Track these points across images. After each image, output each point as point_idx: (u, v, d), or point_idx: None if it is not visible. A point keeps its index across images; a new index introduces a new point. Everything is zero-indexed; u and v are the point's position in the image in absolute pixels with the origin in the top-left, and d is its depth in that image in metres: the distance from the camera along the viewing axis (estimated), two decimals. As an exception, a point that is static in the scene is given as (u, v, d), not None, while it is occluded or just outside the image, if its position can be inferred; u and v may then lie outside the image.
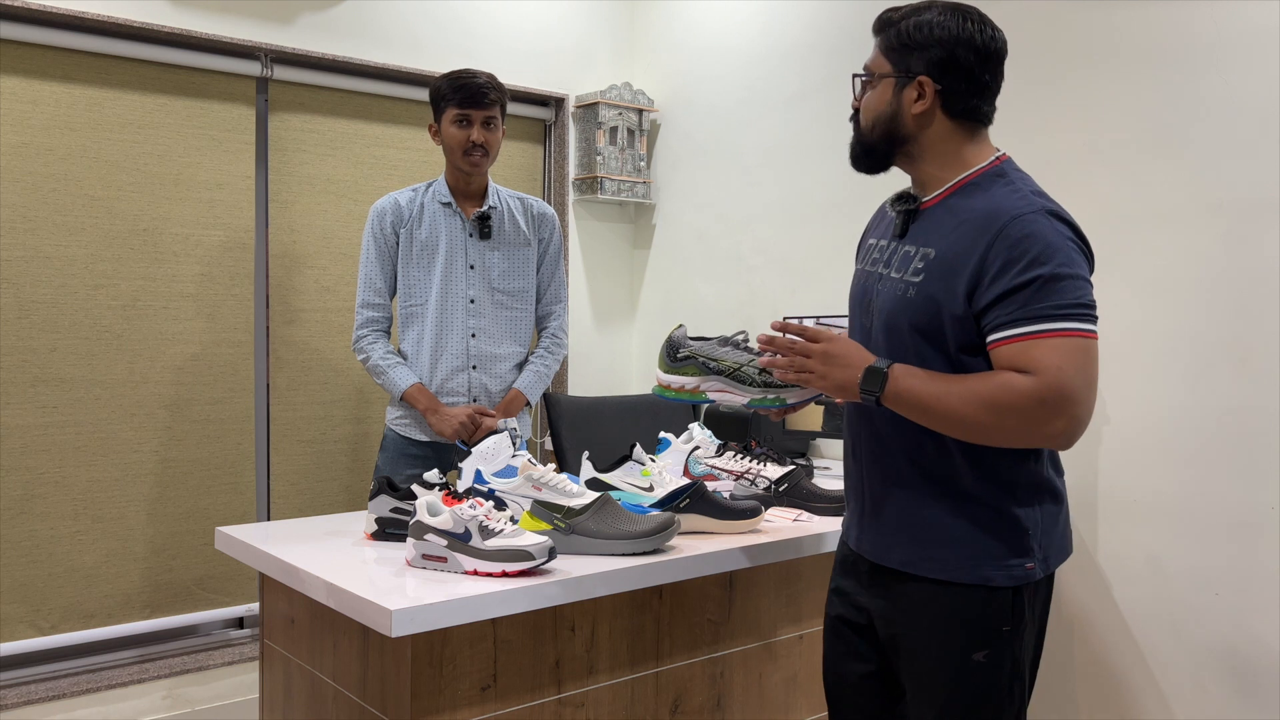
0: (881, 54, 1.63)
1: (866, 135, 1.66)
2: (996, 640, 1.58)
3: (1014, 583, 1.57)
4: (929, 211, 1.63)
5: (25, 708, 2.68)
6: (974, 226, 1.53)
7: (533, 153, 3.75)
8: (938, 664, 1.60)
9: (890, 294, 1.62)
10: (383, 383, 2.60)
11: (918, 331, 1.57)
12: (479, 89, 2.50)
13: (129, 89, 2.90)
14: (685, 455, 2.33)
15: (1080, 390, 1.45)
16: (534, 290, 2.71)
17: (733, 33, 3.53)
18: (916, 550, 1.61)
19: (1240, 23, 2.27)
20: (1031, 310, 1.46)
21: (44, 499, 2.77)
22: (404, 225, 2.59)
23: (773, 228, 3.39)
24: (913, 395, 1.53)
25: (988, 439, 1.52)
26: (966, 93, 1.59)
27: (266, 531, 2.03)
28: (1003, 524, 1.57)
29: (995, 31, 1.61)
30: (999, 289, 1.48)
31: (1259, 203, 2.24)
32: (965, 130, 1.62)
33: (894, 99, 1.60)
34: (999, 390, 1.47)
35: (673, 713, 1.93)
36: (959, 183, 1.61)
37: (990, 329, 1.50)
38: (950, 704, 1.60)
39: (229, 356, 3.06)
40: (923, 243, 1.60)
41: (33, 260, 2.75)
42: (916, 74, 1.58)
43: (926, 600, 1.61)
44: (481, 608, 1.58)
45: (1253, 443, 2.24)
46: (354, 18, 3.22)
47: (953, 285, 1.52)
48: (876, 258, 1.70)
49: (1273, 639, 2.21)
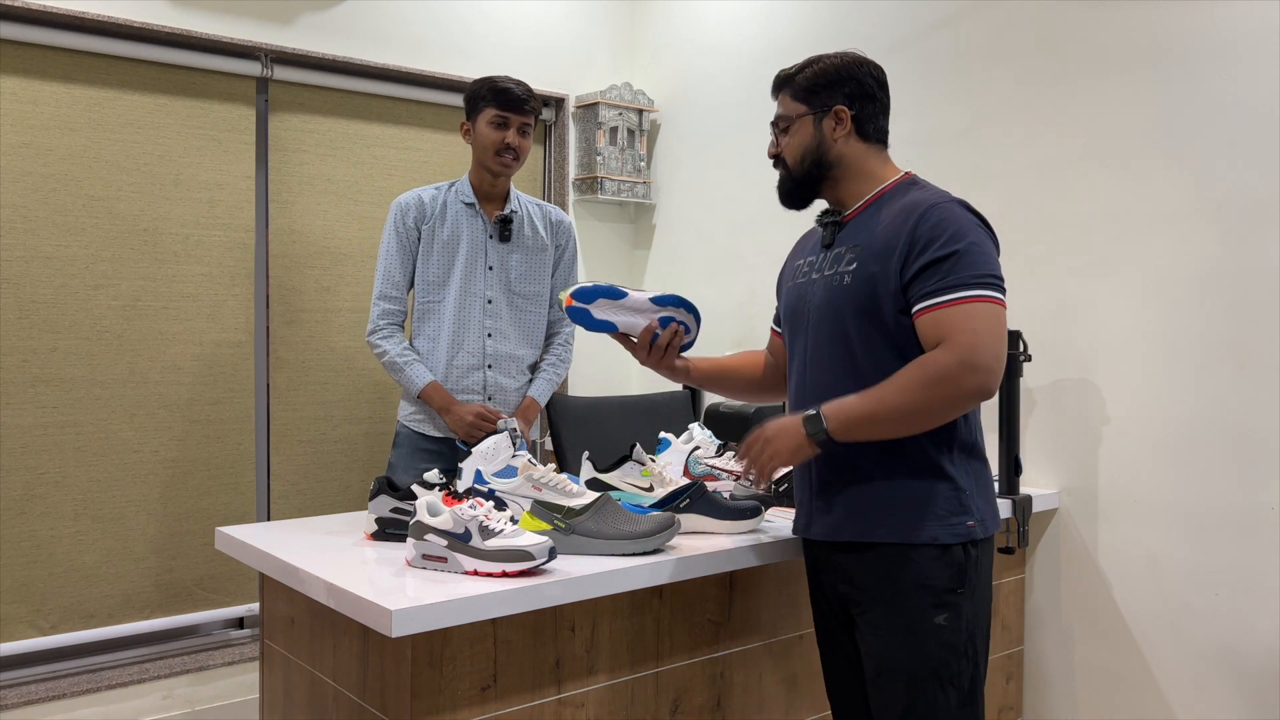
0: (793, 100, 1.85)
1: (796, 170, 1.86)
2: (951, 600, 1.71)
3: (960, 539, 1.72)
4: (853, 221, 1.84)
5: (25, 708, 2.68)
6: (898, 216, 1.74)
7: (533, 153, 3.75)
8: (898, 629, 1.72)
9: (825, 288, 1.81)
10: (399, 379, 2.63)
11: (858, 313, 1.74)
12: (520, 97, 2.58)
13: (129, 89, 2.90)
14: (685, 455, 2.33)
15: (991, 345, 1.64)
16: (548, 295, 2.77)
17: (733, 33, 3.53)
18: (865, 520, 1.75)
19: (1240, 23, 2.27)
20: (948, 281, 1.66)
21: (44, 499, 2.77)
22: (426, 222, 2.64)
23: (773, 228, 3.39)
24: (855, 413, 1.69)
25: (933, 418, 1.68)
26: (874, 114, 1.84)
27: (266, 531, 2.03)
28: (942, 485, 1.73)
29: (878, 66, 1.87)
30: (921, 262, 1.68)
31: (1259, 203, 2.24)
32: (874, 150, 1.85)
33: (816, 132, 1.83)
34: (922, 369, 1.66)
35: (673, 713, 1.93)
36: (876, 194, 1.83)
37: (915, 300, 1.69)
38: (918, 670, 1.70)
39: (229, 356, 3.06)
40: (851, 242, 1.80)
41: (33, 260, 2.75)
42: (832, 105, 1.81)
43: (879, 566, 1.74)
44: (481, 608, 1.59)
45: (1253, 443, 2.24)
46: (354, 18, 3.22)
47: (886, 263, 1.72)
48: (806, 269, 1.90)
49: (1273, 639, 2.21)
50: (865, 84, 1.82)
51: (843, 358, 1.76)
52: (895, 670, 1.72)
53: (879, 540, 1.73)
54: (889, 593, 1.73)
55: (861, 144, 1.83)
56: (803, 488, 1.87)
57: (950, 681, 1.70)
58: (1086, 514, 2.52)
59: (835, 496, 1.79)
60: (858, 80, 1.82)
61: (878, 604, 1.74)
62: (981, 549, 1.76)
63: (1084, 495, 2.53)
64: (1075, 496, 2.55)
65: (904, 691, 1.70)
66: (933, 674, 1.70)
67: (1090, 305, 2.51)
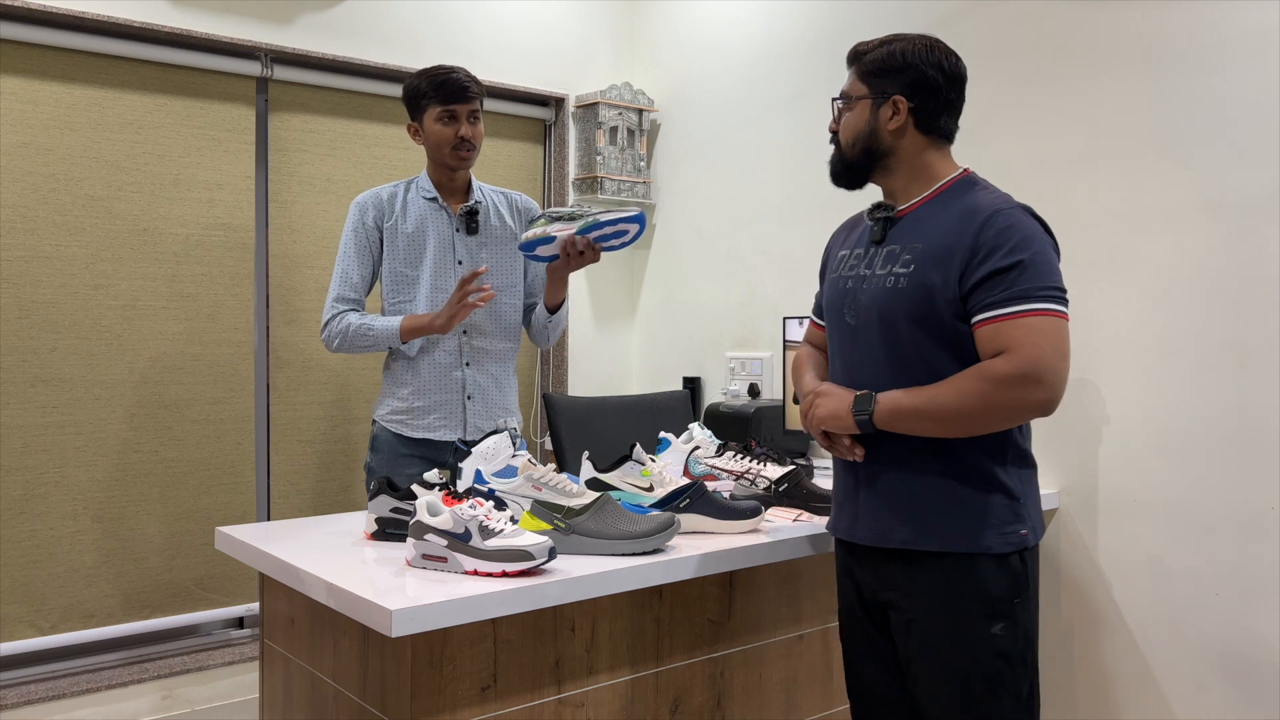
0: (858, 80, 1.80)
1: (848, 152, 1.82)
2: (1008, 610, 1.67)
3: (1013, 548, 1.68)
4: (906, 217, 1.78)
5: (25, 708, 2.68)
6: (960, 220, 1.69)
7: (533, 153, 3.75)
8: (954, 640, 1.67)
9: (879, 289, 1.75)
10: (372, 340, 2.46)
11: (912, 319, 1.70)
12: (461, 84, 2.46)
13: (129, 89, 2.90)
14: (685, 455, 2.33)
15: (1053, 361, 1.61)
16: (522, 285, 2.66)
17: (733, 33, 3.53)
18: (916, 527, 1.71)
19: (1240, 23, 2.27)
20: (1013, 291, 1.62)
21: (44, 499, 2.77)
22: (388, 220, 2.53)
23: (773, 228, 3.40)
24: (903, 405, 1.67)
25: (983, 424, 1.65)
26: (935, 110, 1.76)
27: (266, 531, 2.03)
28: (995, 493, 1.69)
29: (957, 59, 1.79)
30: (984, 271, 1.64)
31: (1259, 203, 2.24)
32: (934, 146, 1.79)
33: (872, 118, 1.78)
34: (980, 377, 1.62)
35: (673, 713, 1.93)
36: (933, 192, 1.77)
37: (976, 309, 1.65)
38: (971, 679, 1.66)
39: (229, 356, 3.06)
40: (906, 241, 1.75)
41: (33, 260, 2.75)
42: (891, 94, 1.75)
43: (934, 576, 1.69)
44: (481, 608, 1.58)
45: (1253, 443, 2.24)
46: (354, 18, 3.22)
47: (946, 270, 1.67)
48: (854, 263, 1.84)
49: (1273, 639, 2.21)
50: (930, 77, 1.74)
51: (895, 363, 1.72)
52: (951, 680, 1.68)
53: (933, 549, 1.69)
54: (943, 603, 1.69)
55: (921, 137, 1.77)
56: (845, 487, 1.83)
57: (1008, 690, 1.67)
58: (1086, 514, 2.52)
59: (884, 501, 1.74)
60: (923, 72, 1.74)
61: (931, 614, 1.70)
62: (1033, 556, 1.73)
63: (1084, 495, 2.53)
64: (1075, 496, 2.55)
65: (961, 702, 1.67)
66: (990, 683, 1.66)
67: (1090, 304, 2.51)
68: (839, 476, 1.86)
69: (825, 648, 2.19)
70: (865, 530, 1.77)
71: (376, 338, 2.47)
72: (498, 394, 2.62)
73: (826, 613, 2.19)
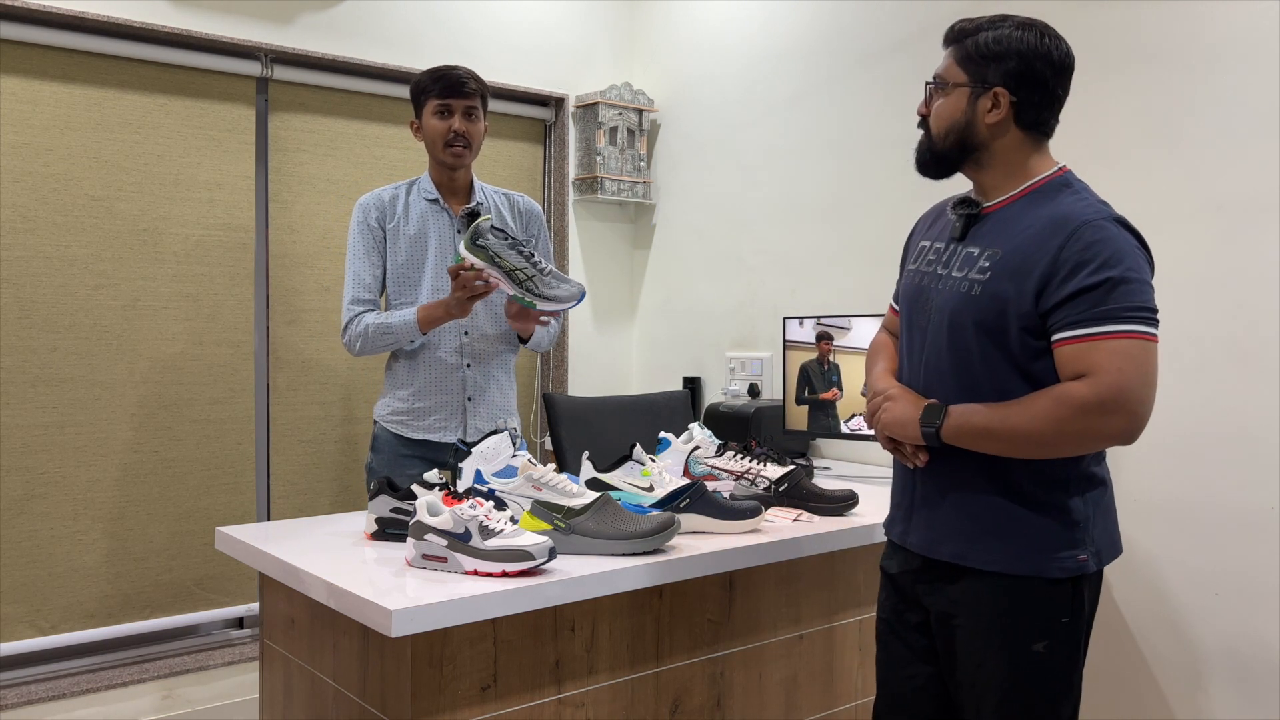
0: (956, 64, 1.67)
1: (939, 142, 1.70)
2: (1055, 631, 1.60)
3: (1067, 574, 1.60)
4: (992, 216, 1.68)
5: (25, 708, 2.68)
6: (1044, 229, 1.58)
7: (533, 153, 3.75)
8: (996, 656, 1.62)
9: (952, 292, 1.66)
10: (393, 337, 2.45)
11: (981, 329, 1.61)
12: (459, 79, 2.46)
13: (129, 89, 2.90)
14: (685, 455, 2.33)
15: (1138, 389, 1.51)
16: None
17: (733, 33, 3.53)
18: (967, 543, 1.65)
19: (1240, 23, 2.27)
20: (1098, 311, 1.52)
21: (44, 499, 2.77)
22: (390, 221, 2.53)
23: (773, 228, 3.40)
24: (973, 424, 1.59)
25: (1054, 450, 1.56)
26: (1038, 105, 1.64)
27: (266, 531, 2.03)
28: (1055, 515, 1.60)
29: (1067, 47, 1.66)
30: (1069, 289, 1.53)
31: (1259, 203, 2.24)
32: (1032, 141, 1.67)
33: (969, 108, 1.65)
34: (1058, 400, 1.53)
35: (673, 713, 1.93)
36: (1024, 190, 1.66)
37: (1057, 328, 1.55)
38: (1010, 695, 1.62)
39: (229, 356, 3.06)
40: (987, 244, 1.64)
41: (33, 260, 2.75)
42: (993, 85, 1.63)
43: (980, 593, 1.64)
44: (481, 608, 1.59)
45: (1253, 443, 2.24)
46: (354, 18, 3.22)
47: (1022, 284, 1.57)
48: (932, 259, 1.74)
49: (1273, 639, 2.21)
50: (1037, 70, 1.61)
51: (959, 371, 1.65)
52: (989, 690, 1.64)
53: (977, 566, 1.64)
54: (987, 618, 1.63)
55: (1018, 132, 1.64)
56: (904, 489, 1.78)
57: (1044, 711, 1.62)
58: (1086, 514, 2.52)
59: (937, 512, 1.69)
60: (1029, 63, 1.61)
61: (974, 626, 1.65)
62: (1093, 582, 1.65)
63: (1084, 495, 2.53)
64: (1075, 496, 2.55)
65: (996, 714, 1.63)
66: (1026, 702, 1.61)
67: (1090, 305, 2.51)
68: (898, 477, 1.81)
69: (825, 648, 2.19)
70: (917, 538, 1.73)
71: (396, 333, 2.46)
72: (498, 395, 2.62)
73: (827, 613, 2.19)
